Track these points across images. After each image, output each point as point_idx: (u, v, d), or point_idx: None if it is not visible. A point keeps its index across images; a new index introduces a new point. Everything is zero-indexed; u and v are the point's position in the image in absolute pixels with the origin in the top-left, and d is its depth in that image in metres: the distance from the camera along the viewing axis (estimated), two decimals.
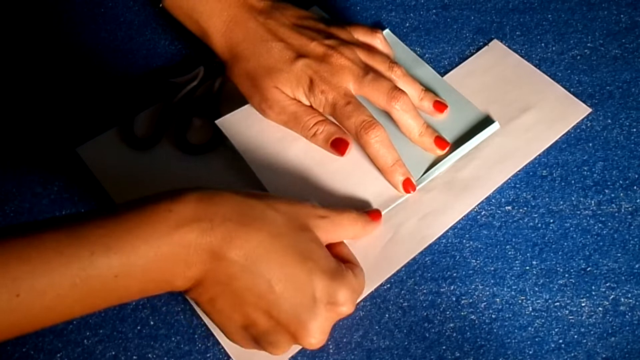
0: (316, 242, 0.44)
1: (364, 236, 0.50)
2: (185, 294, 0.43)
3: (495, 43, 0.60)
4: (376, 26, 0.60)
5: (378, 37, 0.56)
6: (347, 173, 0.53)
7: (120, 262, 0.38)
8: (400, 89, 0.52)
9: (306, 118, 0.53)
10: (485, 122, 0.55)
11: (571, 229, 0.51)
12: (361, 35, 0.56)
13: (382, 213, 0.51)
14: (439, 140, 0.53)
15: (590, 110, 0.56)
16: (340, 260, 0.45)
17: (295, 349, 0.47)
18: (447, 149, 0.54)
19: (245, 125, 0.54)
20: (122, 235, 0.39)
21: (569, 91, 0.57)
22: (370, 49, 0.55)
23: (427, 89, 0.56)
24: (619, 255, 0.50)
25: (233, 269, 0.41)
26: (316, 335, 0.42)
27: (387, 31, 0.60)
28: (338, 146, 0.53)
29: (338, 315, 0.43)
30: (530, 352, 0.46)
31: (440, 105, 0.55)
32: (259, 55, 0.53)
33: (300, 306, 0.42)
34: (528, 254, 0.50)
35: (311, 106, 0.53)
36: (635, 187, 0.52)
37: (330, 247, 0.46)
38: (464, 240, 0.51)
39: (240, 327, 0.43)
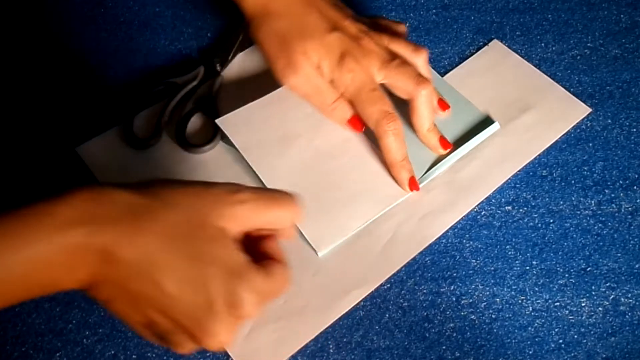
0: (219, 238, 0.40)
1: (291, 224, 0.44)
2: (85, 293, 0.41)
3: (495, 43, 0.60)
4: None
5: (403, 29, 0.57)
6: (347, 172, 0.53)
7: None
8: (426, 78, 0.52)
9: (328, 93, 0.53)
10: (485, 122, 0.55)
11: (571, 229, 0.51)
12: (387, 25, 0.57)
13: (382, 213, 0.51)
14: (443, 140, 0.54)
15: (590, 110, 0.56)
16: (264, 256, 0.42)
17: (294, 347, 0.47)
18: (449, 150, 0.54)
19: (245, 125, 0.54)
20: (0, 238, 0.37)
21: (569, 91, 0.57)
22: (395, 36, 0.55)
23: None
24: (619, 255, 0.50)
25: (125, 271, 0.38)
26: (218, 337, 0.39)
27: None
28: (356, 124, 0.53)
29: (238, 318, 0.40)
30: (530, 352, 0.46)
31: (443, 104, 0.55)
32: (294, 17, 0.53)
33: (196, 308, 0.39)
34: (528, 254, 0.50)
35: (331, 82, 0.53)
36: (635, 187, 0.52)
37: (254, 239, 0.43)
38: (464, 240, 0.51)
39: (143, 326, 0.40)
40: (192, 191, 0.41)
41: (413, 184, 0.52)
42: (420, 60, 0.54)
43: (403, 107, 0.54)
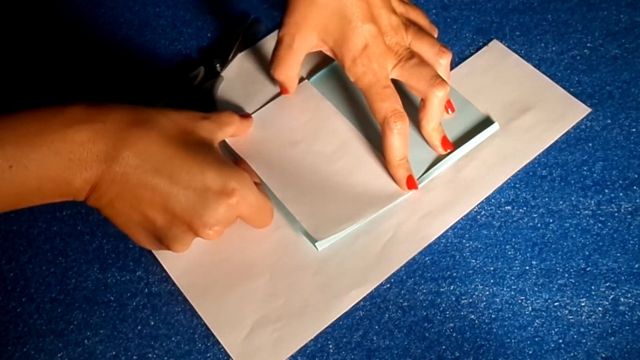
0: (205, 143, 0.48)
1: (243, 133, 0.55)
2: (87, 202, 0.45)
3: (495, 43, 0.60)
4: None
5: (434, 31, 0.58)
6: (347, 174, 0.53)
7: (14, 152, 0.40)
8: (443, 80, 0.52)
9: None
10: (485, 122, 0.55)
11: (571, 228, 0.51)
12: (419, 19, 0.56)
13: (382, 211, 0.51)
14: (445, 141, 0.54)
15: (590, 110, 0.56)
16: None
17: (293, 348, 0.47)
18: (449, 150, 0.54)
19: (245, 135, 0.55)
20: (16, 129, 0.41)
21: (569, 91, 0.57)
22: (423, 34, 0.55)
23: None
24: (619, 255, 0.50)
25: (127, 167, 0.44)
26: (211, 225, 0.46)
27: None
28: None
29: (230, 206, 0.46)
30: (530, 352, 0.46)
31: (451, 106, 0.56)
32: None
33: (193, 196, 0.45)
34: (528, 254, 0.50)
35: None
36: (634, 187, 0.52)
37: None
38: (464, 240, 0.51)
39: (141, 227, 0.46)
40: (172, 109, 0.48)
41: (411, 183, 0.52)
42: (443, 61, 0.54)
43: (411, 101, 0.55)
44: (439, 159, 0.53)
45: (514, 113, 0.56)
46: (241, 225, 0.51)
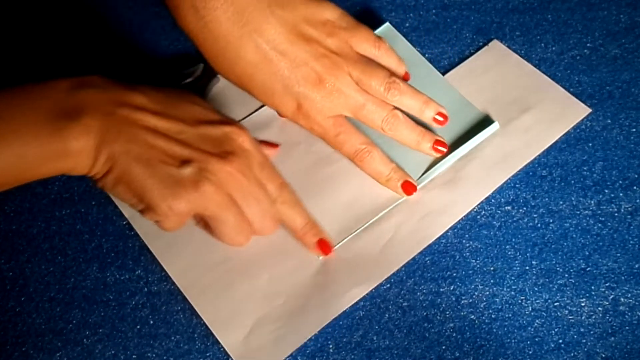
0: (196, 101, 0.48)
1: None
2: (101, 177, 0.43)
3: (495, 43, 0.60)
4: (376, 24, 0.60)
5: (382, 48, 0.53)
6: (347, 175, 0.53)
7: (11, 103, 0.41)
8: (395, 113, 0.52)
9: None
10: (485, 122, 0.55)
11: (571, 229, 0.51)
12: (363, 46, 0.53)
13: (382, 214, 0.51)
14: (438, 144, 0.53)
15: (590, 110, 0.56)
16: None
17: (293, 347, 0.47)
18: (446, 151, 0.54)
19: None
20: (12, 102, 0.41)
21: (569, 91, 0.57)
22: (370, 62, 0.52)
23: (430, 99, 0.54)
24: (619, 255, 0.50)
25: (137, 114, 0.43)
26: (240, 141, 0.46)
27: (387, 25, 0.59)
28: None
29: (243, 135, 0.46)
30: (530, 352, 0.46)
31: (442, 117, 0.54)
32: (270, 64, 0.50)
33: (207, 129, 0.45)
34: (528, 254, 0.50)
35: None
36: (635, 187, 0.52)
37: None
38: (464, 240, 0.51)
39: (169, 177, 0.43)
40: None
41: (408, 187, 0.52)
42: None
43: None
44: (438, 160, 0.53)
45: (514, 113, 0.56)
46: None
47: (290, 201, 0.49)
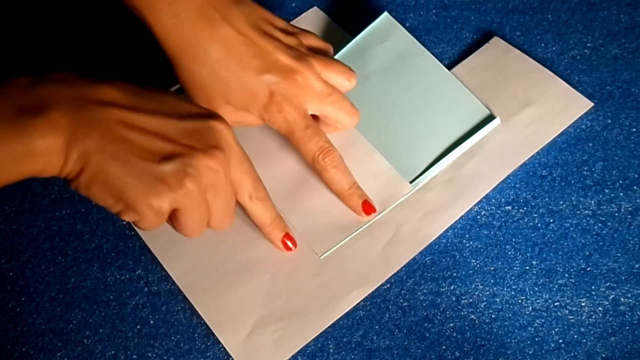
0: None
1: None
2: (74, 177, 0.39)
3: (496, 40, 0.60)
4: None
5: (329, 51, 0.55)
6: None
7: None
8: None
9: None
10: (486, 117, 0.55)
11: (571, 228, 0.51)
12: (313, 46, 0.53)
13: (382, 213, 0.51)
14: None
15: (592, 104, 0.56)
16: None
17: (294, 348, 0.47)
18: (443, 151, 0.53)
19: (241, 137, 0.55)
20: None
21: None
22: (326, 59, 0.53)
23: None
24: (619, 255, 0.50)
25: (109, 108, 0.40)
26: (221, 129, 0.43)
27: (385, 15, 0.59)
28: None
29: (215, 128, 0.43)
30: (530, 352, 0.46)
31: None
32: (216, 61, 0.49)
33: (192, 121, 0.42)
34: (528, 254, 0.50)
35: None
36: (635, 187, 0.52)
37: None
38: (464, 240, 0.51)
39: (149, 174, 0.40)
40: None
41: (368, 208, 0.51)
42: (351, 83, 0.53)
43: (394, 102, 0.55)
44: (438, 158, 0.53)
45: (515, 107, 0.56)
46: (241, 225, 0.51)
47: (263, 197, 0.48)
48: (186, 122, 0.42)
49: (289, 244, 0.50)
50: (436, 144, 0.54)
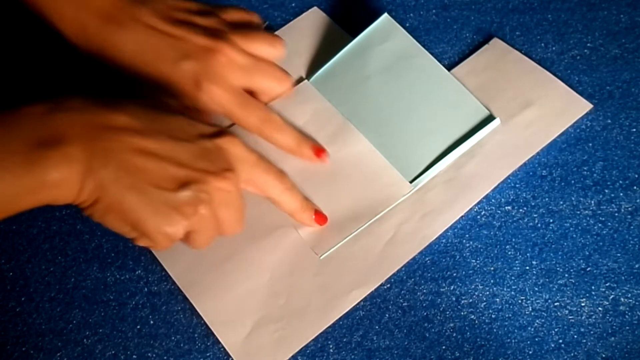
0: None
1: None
2: (88, 206, 0.40)
3: (496, 41, 0.60)
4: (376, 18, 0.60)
5: (255, 18, 0.55)
6: (347, 175, 0.53)
7: None
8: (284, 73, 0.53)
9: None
10: (486, 118, 0.55)
11: (571, 229, 0.51)
12: (236, 17, 0.53)
13: (382, 213, 0.51)
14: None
15: (591, 106, 0.56)
16: None
17: (294, 348, 0.47)
18: (443, 151, 0.53)
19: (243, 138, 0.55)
20: None
21: None
22: (246, 33, 0.52)
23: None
24: (619, 255, 0.50)
25: (122, 136, 0.40)
26: (235, 149, 0.44)
27: (385, 16, 0.59)
28: None
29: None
30: (530, 352, 0.46)
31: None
32: (133, 53, 0.49)
33: (200, 135, 0.43)
34: (528, 254, 0.50)
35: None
36: (635, 187, 0.52)
37: None
38: (464, 240, 0.51)
39: (165, 203, 0.40)
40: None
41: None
42: (278, 52, 0.53)
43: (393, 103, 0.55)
44: (438, 158, 0.53)
45: (515, 108, 0.56)
46: None
47: (290, 187, 0.49)
48: (197, 144, 0.43)
49: (321, 219, 0.51)
50: (436, 144, 0.54)
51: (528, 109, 0.56)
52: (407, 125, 0.55)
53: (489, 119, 0.54)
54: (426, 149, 0.54)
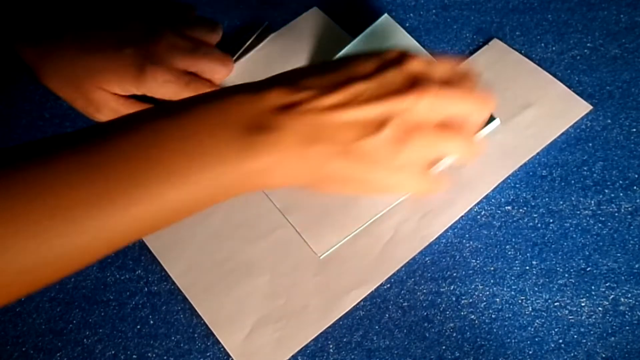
0: None
1: None
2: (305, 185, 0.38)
3: (496, 42, 0.60)
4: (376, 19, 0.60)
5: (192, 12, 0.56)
6: None
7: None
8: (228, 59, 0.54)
9: None
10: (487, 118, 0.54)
11: (571, 229, 0.51)
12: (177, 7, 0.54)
13: (382, 213, 0.51)
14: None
15: (590, 107, 0.56)
16: None
17: (294, 348, 0.47)
18: None
19: None
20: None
21: None
22: (185, 21, 0.53)
23: None
24: (619, 255, 0.50)
25: (315, 104, 0.37)
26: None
27: (385, 16, 0.59)
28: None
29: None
30: (530, 352, 0.46)
31: None
32: (74, 51, 0.49)
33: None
34: (528, 254, 0.50)
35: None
36: (635, 187, 0.52)
37: None
38: (464, 240, 0.51)
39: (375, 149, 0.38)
40: None
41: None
42: (217, 36, 0.54)
43: None
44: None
45: (515, 110, 0.56)
46: (241, 225, 0.51)
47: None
48: (377, 76, 0.39)
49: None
50: None
51: (527, 110, 0.56)
52: None
53: (489, 120, 0.54)
54: None
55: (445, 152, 0.43)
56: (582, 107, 0.56)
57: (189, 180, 0.35)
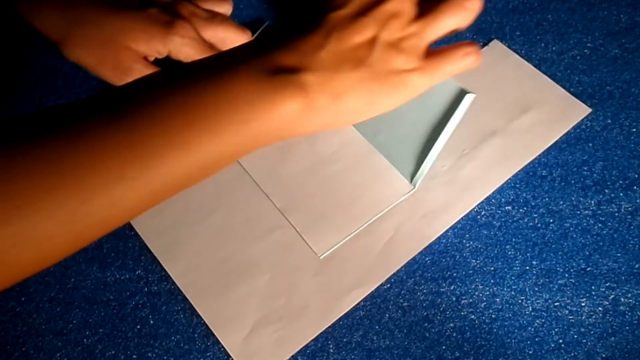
0: None
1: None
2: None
3: (496, 43, 0.60)
4: None
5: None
6: (347, 175, 0.53)
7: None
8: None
9: None
10: (460, 95, 0.52)
11: (571, 229, 0.51)
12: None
13: (382, 213, 0.51)
14: None
15: (590, 110, 0.56)
16: None
17: (294, 348, 0.47)
18: (432, 138, 0.52)
19: None
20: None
21: (569, 91, 0.57)
22: None
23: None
24: (619, 255, 0.50)
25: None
26: None
27: None
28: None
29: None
30: (530, 352, 0.46)
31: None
32: (99, 19, 0.50)
33: None
34: (528, 254, 0.50)
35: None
36: (635, 187, 0.52)
37: None
38: (464, 240, 0.51)
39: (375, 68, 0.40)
40: None
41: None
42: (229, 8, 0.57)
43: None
44: (427, 150, 0.52)
45: (514, 113, 0.56)
46: (241, 225, 0.51)
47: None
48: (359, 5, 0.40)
49: None
50: (424, 136, 0.52)
51: (527, 114, 0.56)
52: (405, 124, 0.55)
53: (462, 95, 0.51)
54: (411, 148, 0.53)
55: (447, 28, 0.45)
56: (581, 111, 0.56)
57: (225, 130, 0.35)
